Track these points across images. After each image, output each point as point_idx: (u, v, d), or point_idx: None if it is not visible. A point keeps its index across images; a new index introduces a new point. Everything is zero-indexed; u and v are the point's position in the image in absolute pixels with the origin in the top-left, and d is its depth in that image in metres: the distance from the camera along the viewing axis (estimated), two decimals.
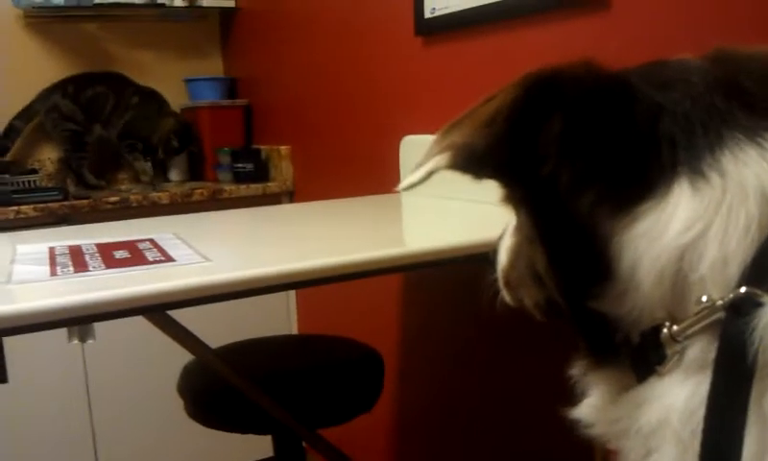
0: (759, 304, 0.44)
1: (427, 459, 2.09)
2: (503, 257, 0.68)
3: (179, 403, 1.64)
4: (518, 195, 0.57)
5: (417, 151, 1.90)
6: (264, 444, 1.75)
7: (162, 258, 1.11)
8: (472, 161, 0.54)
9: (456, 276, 1.83)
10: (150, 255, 1.14)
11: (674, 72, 0.54)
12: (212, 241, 1.34)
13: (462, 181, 0.56)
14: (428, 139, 2.01)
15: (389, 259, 1.15)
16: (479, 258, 1.21)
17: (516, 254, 0.64)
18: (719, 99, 0.51)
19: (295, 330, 2.69)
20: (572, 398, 0.59)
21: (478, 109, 0.55)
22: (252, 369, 1.59)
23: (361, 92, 2.20)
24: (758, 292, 0.44)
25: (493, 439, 1.80)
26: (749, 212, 0.46)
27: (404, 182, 0.57)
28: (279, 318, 2.67)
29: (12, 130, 2.71)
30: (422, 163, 0.55)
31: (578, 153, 0.51)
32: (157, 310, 0.97)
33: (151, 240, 1.29)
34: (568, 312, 0.57)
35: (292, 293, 2.68)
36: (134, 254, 1.15)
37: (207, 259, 1.09)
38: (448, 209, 1.63)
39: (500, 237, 0.70)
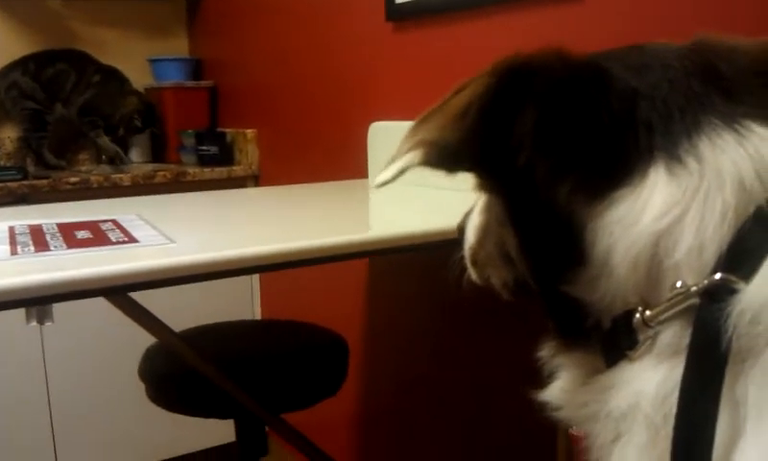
0: (734, 291, 0.44)
1: (392, 444, 2.10)
2: (470, 236, 0.67)
3: (139, 387, 1.62)
4: (491, 184, 0.57)
5: (385, 137, 1.90)
6: (226, 428, 1.74)
7: (126, 239, 1.10)
8: (445, 157, 0.53)
9: (422, 262, 1.83)
10: (113, 236, 1.12)
11: (651, 56, 0.53)
12: (176, 223, 1.32)
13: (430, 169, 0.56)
14: (396, 126, 2.01)
15: (354, 244, 1.14)
16: (445, 245, 1.21)
17: (485, 232, 0.64)
18: (697, 84, 0.50)
19: (258, 316, 2.68)
20: (538, 382, 0.59)
21: (449, 101, 0.54)
22: (215, 353, 1.58)
23: (330, 77, 2.19)
24: (733, 279, 0.44)
25: (459, 425, 1.81)
26: (725, 199, 0.46)
27: (377, 180, 0.56)
28: (242, 303, 2.65)
29: None
30: (395, 159, 0.54)
31: (553, 143, 0.51)
32: (122, 291, 0.95)
33: (113, 221, 1.27)
34: (539, 295, 0.57)
35: (255, 278, 2.66)
36: (97, 235, 1.13)
37: (172, 241, 1.08)
38: (415, 195, 1.63)
39: (467, 215, 0.69)
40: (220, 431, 2.03)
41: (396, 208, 1.66)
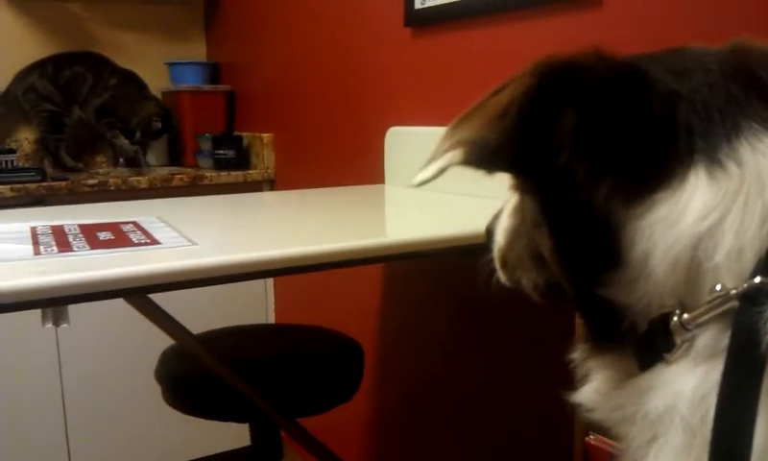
0: None
1: (407, 450, 2.09)
2: (500, 238, 0.67)
3: (155, 390, 1.62)
4: (529, 185, 0.57)
5: (402, 142, 1.91)
6: (241, 432, 1.74)
7: (147, 241, 1.10)
8: (485, 157, 0.53)
9: (437, 267, 1.83)
10: (134, 237, 1.13)
11: (691, 60, 0.53)
12: (196, 225, 1.33)
13: (447, 173, 0.56)
14: (414, 131, 2.00)
15: (371, 249, 1.14)
16: (461, 251, 1.21)
17: (515, 234, 0.64)
18: (737, 88, 0.50)
19: (272, 320, 2.68)
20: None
21: (488, 100, 0.54)
22: (231, 356, 1.58)
23: (347, 82, 2.19)
24: None
25: (474, 430, 1.81)
26: (765, 203, 0.46)
27: (416, 179, 0.56)
28: (257, 307, 2.65)
29: None
30: (434, 158, 0.54)
31: (593, 144, 0.51)
32: (145, 293, 0.95)
33: (134, 223, 1.27)
34: (574, 298, 0.56)
35: (270, 281, 2.66)
36: (119, 236, 1.14)
37: (194, 243, 1.08)
38: (432, 201, 1.63)
39: (496, 217, 0.69)
40: (235, 435, 2.03)
41: (412, 213, 1.66)
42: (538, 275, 0.61)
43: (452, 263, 1.72)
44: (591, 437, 1.09)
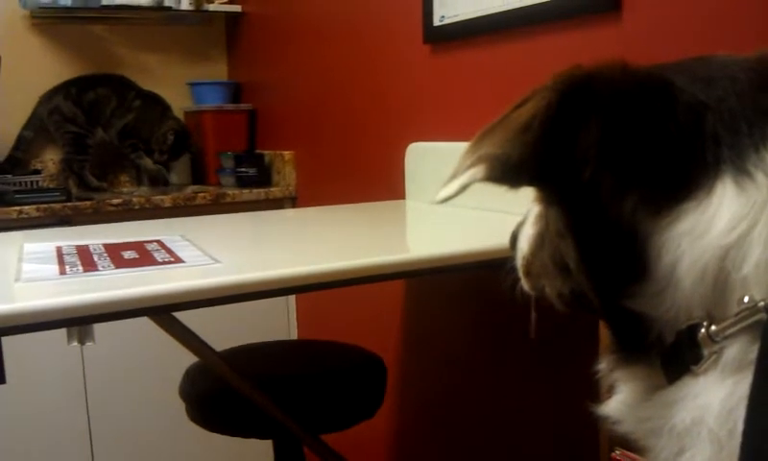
0: None
1: None
2: (524, 246, 0.67)
3: (179, 407, 1.63)
4: (553, 198, 0.57)
5: (422, 158, 1.91)
6: (265, 449, 1.75)
7: (171, 259, 1.11)
8: (508, 172, 0.53)
9: (460, 282, 1.83)
10: (159, 256, 1.14)
11: (717, 68, 0.53)
12: (219, 244, 1.34)
13: (469, 188, 0.55)
14: (434, 147, 2.01)
15: (394, 265, 1.15)
16: (483, 265, 1.21)
17: (539, 243, 0.64)
18: (765, 98, 0.50)
19: (294, 336, 2.69)
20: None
21: (510, 114, 0.54)
22: (254, 373, 1.58)
23: (367, 99, 2.20)
24: None
25: (497, 446, 1.80)
26: None
27: (440, 195, 0.56)
28: (279, 323, 2.66)
29: (21, 141, 2.72)
30: (456, 174, 0.54)
31: (618, 157, 0.51)
32: (169, 311, 0.96)
33: (158, 241, 1.29)
34: (600, 309, 0.56)
35: (292, 298, 2.68)
36: (143, 255, 1.15)
37: (217, 261, 1.09)
38: (453, 217, 1.64)
39: (520, 225, 0.69)
40: (258, 452, 2.03)
41: (433, 229, 1.67)
42: (562, 284, 0.61)
43: (474, 278, 1.72)
44: (617, 452, 1.08)
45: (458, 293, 1.87)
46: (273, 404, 1.50)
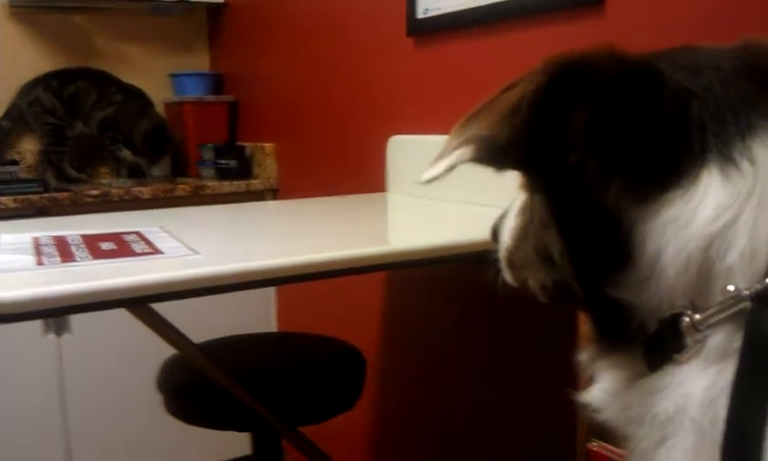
0: None
1: (407, 459, 2.09)
2: (507, 238, 0.66)
3: (156, 399, 1.62)
4: (539, 183, 0.56)
5: (404, 151, 1.91)
6: (243, 441, 1.75)
7: (150, 251, 1.11)
8: (495, 154, 0.53)
9: (440, 275, 1.84)
10: (137, 248, 1.13)
11: (703, 57, 0.53)
12: (198, 235, 1.33)
13: (449, 182, 0.55)
14: (416, 140, 2.00)
15: (374, 257, 1.15)
16: (463, 258, 1.22)
17: (523, 235, 0.64)
18: (750, 86, 0.50)
19: (274, 329, 2.68)
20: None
21: (498, 98, 0.54)
22: (233, 365, 1.58)
23: (349, 91, 2.20)
24: None
25: (475, 438, 1.80)
26: None
27: (425, 175, 0.55)
28: (259, 316, 2.65)
29: (0, 131, 2.69)
30: (442, 156, 0.54)
31: (605, 143, 0.51)
32: (148, 302, 0.96)
33: (137, 233, 1.28)
34: (583, 298, 0.56)
35: (272, 290, 2.67)
36: (121, 247, 1.14)
37: (196, 252, 1.09)
38: (434, 210, 1.64)
39: (502, 217, 0.68)
40: (236, 444, 2.03)
41: (414, 222, 1.67)
42: (546, 275, 0.61)
43: (454, 271, 1.73)
44: (594, 443, 1.09)
45: (438, 285, 1.87)
46: (251, 397, 1.49)
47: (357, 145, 2.17)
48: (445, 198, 1.64)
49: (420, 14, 1.83)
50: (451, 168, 0.54)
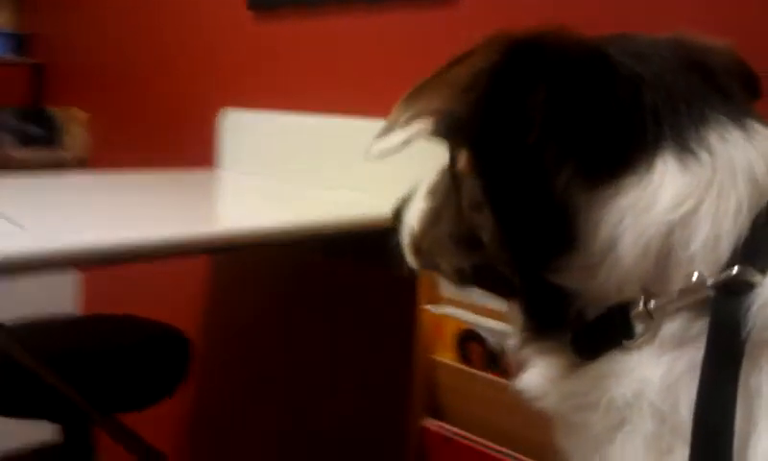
0: (752, 285, 0.45)
1: (236, 447, 2.03)
2: (413, 223, 0.65)
3: None
4: (482, 163, 0.54)
5: (239, 126, 1.84)
6: (51, 431, 1.61)
7: None
8: (453, 128, 0.51)
9: (271, 258, 1.79)
10: None
11: (644, 46, 0.53)
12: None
13: (285, 160, 0.53)
14: (253, 116, 1.93)
15: (193, 240, 1.09)
16: (294, 242, 1.19)
17: (433, 219, 0.62)
18: (696, 79, 0.51)
19: (79, 311, 2.49)
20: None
21: (446, 73, 0.52)
22: (39, 349, 1.44)
23: (176, 61, 2.10)
24: (751, 272, 0.45)
25: (305, 429, 1.78)
26: (739, 193, 0.47)
27: (376, 147, 0.53)
28: (60, 297, 2.45)
29: None
30: (391, 128, 0.52)
31: (561, 126, 0.50)
32: None
33: None
34: (519, 282, 0.55)
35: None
36: None
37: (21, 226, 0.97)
38: (267, 190, 1.59)
39: (406, 200, 0.67)
40: (44, 434, 1.86)
41: (244, 202, 1.62)
42: (463, 259, 0.59)
43: (288, 255, 1.70)
44: (430, 421, 1.09)
45: (269, 270, 1.83)
46: (59, 380, 1.37)
47: (185, 117, 2.07)
48: (285, 178, 1.59)
49: None
50: (409, 141, 0.52)
